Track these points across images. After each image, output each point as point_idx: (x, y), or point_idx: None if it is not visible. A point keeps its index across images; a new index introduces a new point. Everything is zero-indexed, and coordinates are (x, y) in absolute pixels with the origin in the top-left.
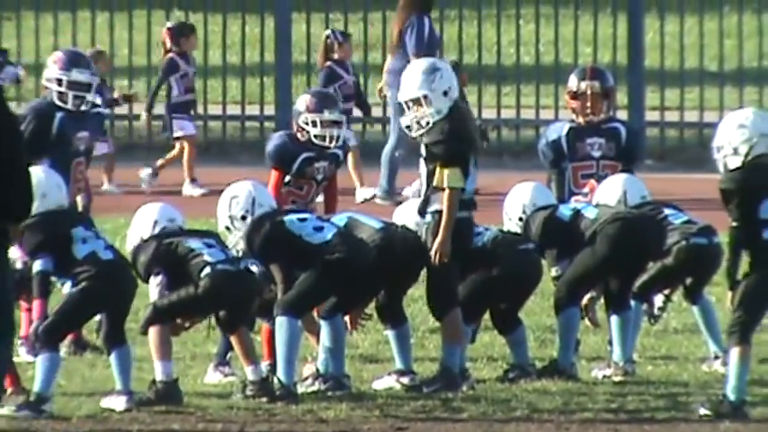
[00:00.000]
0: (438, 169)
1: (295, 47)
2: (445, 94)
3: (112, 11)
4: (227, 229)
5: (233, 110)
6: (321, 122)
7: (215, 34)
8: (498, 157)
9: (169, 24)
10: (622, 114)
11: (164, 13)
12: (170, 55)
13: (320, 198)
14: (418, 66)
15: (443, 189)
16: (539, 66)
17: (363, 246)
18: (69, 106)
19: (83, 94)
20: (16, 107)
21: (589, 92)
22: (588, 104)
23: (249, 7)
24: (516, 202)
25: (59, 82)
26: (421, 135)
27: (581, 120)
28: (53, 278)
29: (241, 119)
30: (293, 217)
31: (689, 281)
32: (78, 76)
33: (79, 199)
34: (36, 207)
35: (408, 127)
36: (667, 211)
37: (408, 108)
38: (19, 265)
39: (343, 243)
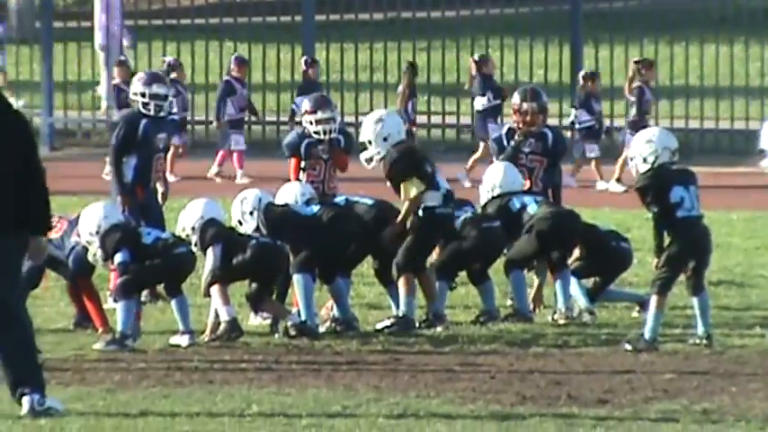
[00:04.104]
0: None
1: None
2: (385, 139)
3: (179, 41)
4: (239, 222)
5: (270, 116)
6: (316, 121)
7: (257, 60)
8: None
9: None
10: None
11: (218, 43)
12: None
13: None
14: (369, 116)
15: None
16: (503, 83)
17: (347, 218)
18: (152, 113)
19: (161, 104)
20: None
21: (529, 110)
22: (528, 119)
23: (283, 38)
24: (490, 179)
25: (143, 95)
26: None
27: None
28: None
29: (277, 123)
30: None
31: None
32: (158, 89)
33: (158, 185)
34: (103, 225)
35: (367, 160)
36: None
37: (366, 147)
38: None
39: (331, 216)
